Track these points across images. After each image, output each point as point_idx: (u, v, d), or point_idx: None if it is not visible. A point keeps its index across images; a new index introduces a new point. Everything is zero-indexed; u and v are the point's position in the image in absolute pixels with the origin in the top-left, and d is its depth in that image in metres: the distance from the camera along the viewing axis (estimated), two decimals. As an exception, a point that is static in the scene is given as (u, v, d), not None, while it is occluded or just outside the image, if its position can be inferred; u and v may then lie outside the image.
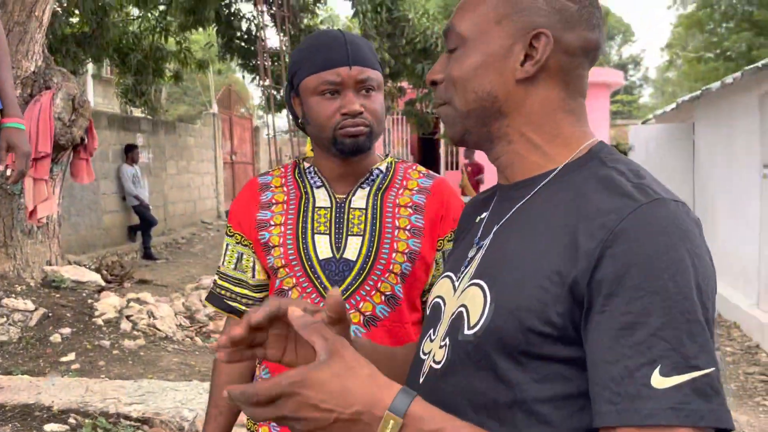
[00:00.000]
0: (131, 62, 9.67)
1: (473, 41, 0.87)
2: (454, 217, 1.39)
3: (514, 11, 0.86)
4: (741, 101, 6.59)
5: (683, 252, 0.71)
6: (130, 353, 4.45)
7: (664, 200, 0.74)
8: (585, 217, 0.76)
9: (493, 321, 0.79)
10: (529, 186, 0.88)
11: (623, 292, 0.70)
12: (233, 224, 1.45)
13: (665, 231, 0.72)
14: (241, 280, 1.44)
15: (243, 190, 1.47)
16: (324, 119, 1.31)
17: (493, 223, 0.92)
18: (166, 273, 8.42)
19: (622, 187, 0.77)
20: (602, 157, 0.85)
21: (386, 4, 8.89)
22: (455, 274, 0.94)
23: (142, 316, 5.05)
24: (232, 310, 1.44)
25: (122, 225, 9.75)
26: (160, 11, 10.05)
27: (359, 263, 1.32)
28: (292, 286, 1.34)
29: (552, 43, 0.84)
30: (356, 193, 1.38)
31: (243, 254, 1.43)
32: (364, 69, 1.31)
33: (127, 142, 9.74)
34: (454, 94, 0.90)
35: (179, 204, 11.92)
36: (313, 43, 1.35)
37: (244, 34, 10.10)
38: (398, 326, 1.34)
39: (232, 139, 14.69)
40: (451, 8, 22.60)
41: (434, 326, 0.93)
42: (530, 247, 0.81)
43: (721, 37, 18.57)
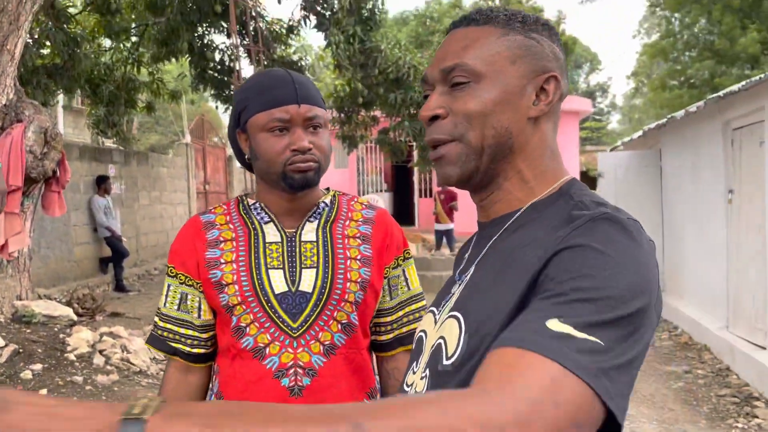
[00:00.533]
0: (103, 93, 9.63)
1: (491, 78, 0.89)
2: (396, 245, 1.47)
3: (526, 54, 0.90)
4: (705, 128, 6.79)
5: (630, 259, 0.73)
6: (104, 389, 4.38)
7: (619, 217, 0.78)
8: (551, 247, 0.79)
9: (467, 350, 0.82)
10: (503, 222, 0.92)
11: (560, 276, 0.72)
12: (176, 264, 1.43)
13: (616, 240, 0.74)
14: (185, 321, 1.43)
15: (185, 230, 1.45)
16: (274, 155, 1.33)
17: (472, 259, 0.96)
18: (139, 305, 8.30)
19: (584, 213, 0.80)
20: (572, 194, 0.89)
21: (359, 35, 9.00)
22: (437, 308, 0.98)
23: (116, 350, 4.97)
24: (176, 351, 1.43)
25: (93, 257, 9.61)
26: (133, 42, 10.06)
27: (315, 294, 1.35)
28: (250, 322, 1.34)
29: (561, 87, 0.91)
30: (305, 226, 1.41)
31: (187, 294, 1.42)
32: (311, 107, 1.35)
33: (98, 173, 9.65)
34: (468, 129, 0.89)
35: (152, 235, 11.79)
36: (260, 82, 1.37)
37: (217, 64, 10.13)
38: (354, 352, 1.38)
39: (205, 168, 14.63)
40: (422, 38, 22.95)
41: (416, 359, 0.96)
42: (498, 278, 0.85)
43: (684, 65, 19.10)
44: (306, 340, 1.34)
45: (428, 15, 23.93)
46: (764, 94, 5.23)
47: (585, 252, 0.73)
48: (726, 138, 6.29)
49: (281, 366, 1.33)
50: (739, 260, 6.06)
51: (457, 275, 0.98)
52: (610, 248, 0.73)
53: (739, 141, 6.07)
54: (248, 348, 1.34)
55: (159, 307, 1.47)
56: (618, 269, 0.72)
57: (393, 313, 1.49)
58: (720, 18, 16.93)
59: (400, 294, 1.49)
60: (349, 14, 8.90)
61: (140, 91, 10.37)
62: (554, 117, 0.94)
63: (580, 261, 0.73)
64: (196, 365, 1.45)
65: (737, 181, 6.08)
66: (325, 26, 9.12)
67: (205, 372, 1.47)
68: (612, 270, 0.71)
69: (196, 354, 1.44)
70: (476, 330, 0.82)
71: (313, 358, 1.33)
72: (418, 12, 25.22)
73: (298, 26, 9.75)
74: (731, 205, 6.20)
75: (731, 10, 16.72)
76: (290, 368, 1.33)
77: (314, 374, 1.33)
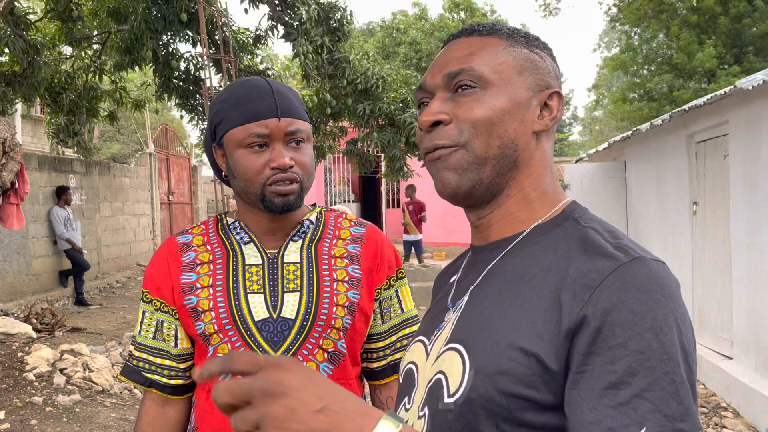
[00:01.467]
0: (64, 101, 9.38)
1: (498, 86, 0.85)
2: (388, 264, 1.37)
3: (532, 67, 0.88)
4: (669, 141, 6.91)
5: (667, 311, 0.71)
6: (65, 410, 4.21)
7: (645, 259, 0.74)
8: (566, 278, 0.76)
9: (473, 387, 0.76)
10: (502, 246, 0.88)
11: (606, 352, 0.69)
12: (150, 289, 1.34)
13: (647, 289, 0.71)
14: (161, 350, 1.34)
15: (160, 252, 1.36)
16: (252, 174, 1.23)
17: (467, 284, 0.90)
18: (101, 320, 8.07)
19: (602, 248, 0.77)
20: (576, 218, 0.85)
21: (327, 45, 8.95)
22: (428, 338, 0.92)
23: (77, 368, 4.80)
24: (153, 383, 1.34)
25: (53, 270, 9.33)
26: (95, 50, 9.84)
27: (299, 321, 1.25)
28: (228, 352, 1.26)
29: (562, 105, 0.89)
30: (288, 246, 1.31)
31: (163, 322, 1.33)
32: (293, 120, 1.24)
33: (58, 184, 9.39)
34: (474, 137, 0.84)
35: (113, 247, 11.51)
36: (237, 93, 1.26)
37: (182, 73, 9.96)
38: (344, 383, 1.29)
39: (169, 178, 14.37)
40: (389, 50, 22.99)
41: (408, 394, 0.90)
42: (509, 309, 0.79)
43: (643, 78, 19.51)
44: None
45: (394, 26, 24.03)
46: (728, 108, 5.34)
47: (625, 318, 0.70)
48: (690, 151, 6.41)
49: None
50: (704, 271, 6.16)
51: (450, 302, 0.92)
52: (654, 311, 0.71)
53: (703, 154, 6.18)
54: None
55: (134, 335, 1.38)
56: (665, 336, 0.70)
57: (386, 338, 1.41)
58: (678, 33, 17.35)
59: (393, 317, 1.41)
60: (317, 25, 8.86)
61: (102, 100, 10.12)
62: (552, 136, 0.91)
63: (621, 332, 0.70)
64: (174, 397, 1.36)
65: (701, 194, 6.19)
66: (293, 36, 9.04)
67: (185, 404, 1.38)
68: (659, 340, 0.70)
69: (174, 386, 1.35)
70: (483, 366, 0.77)
71: None
72: (384, 23, 25.31)
73: (266, 36, 9.66)
74: (696, 217, 6.31)
75: (689, 26, 17.15)
76: None
77: None
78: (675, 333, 0.70)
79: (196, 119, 10.38)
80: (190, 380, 1.36)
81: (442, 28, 22.99)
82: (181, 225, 15.04)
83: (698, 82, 17.61)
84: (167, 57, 9.72)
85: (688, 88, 17.36)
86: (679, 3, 17.93)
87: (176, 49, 9.93)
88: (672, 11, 17.96)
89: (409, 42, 22.92)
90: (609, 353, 0.69)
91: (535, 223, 0.87)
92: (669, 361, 0.69)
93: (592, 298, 0.72)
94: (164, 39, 9.58)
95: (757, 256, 4.87)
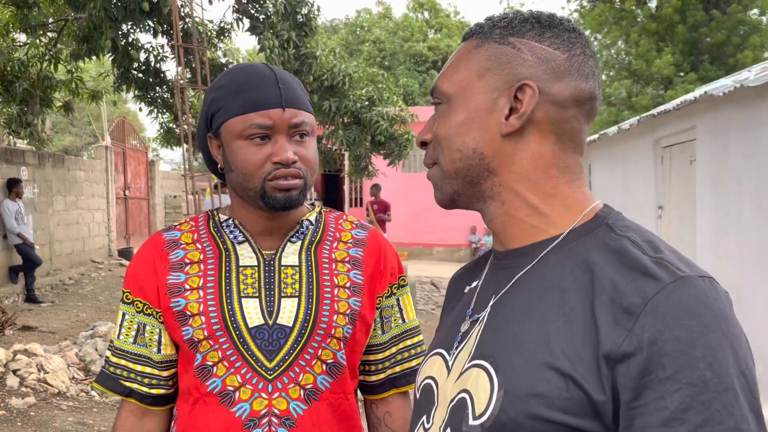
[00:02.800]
0: (16, 90, 9.00)
1: (457, 98, 0.83)
2: (391, 271, 1.28)
3: (496, 64, 0.81)
4: (636, 146, 7.00)
5: (719, 335, 0.65)
6: (19, 414, 4.00)
7: (690, 278, 0.68)
8: (603, 295, 0.70)
9: (503, 410, 0.70)
10: (528, 254, 0.81)
11: (657, 386, 0.64)
12: (132, 290, 1.22)
13: (696, 313, 0.65)
14: (142, 356, 1.22)
15: (144, 249, 1.25)
16: (252, 168, 1.13)
17: (489, 294, 0.83)
18: (53, 318, 7.76)
19: (642, 263, 0.70)
20: (611, 224, 0.78)
21: (293, 41, 8.81)
22: (448, 351, 0.84)
23: (31, 369, 4.58)
24: (131, 393, 1.23)
25: (2, 265, 8.95)
26: (51, 38, 9.48)
27: (297, 329, 1.15)
28: (218, 360, 1.14)
29: (537, 95, 0.79)
30: (286, 248, 1.21)
31: (145, 325, 1.22)
32: (298, 112, 1.14)
33: (9, 176, 9.02)
34: (440, 153, 0.85)
35: (66, 242, 11.12)
36: (238, 79, 1.16)
37: (142, 64, 9.68)
38: (341, 398, 1.19)
39: (125, 173, 13.98)
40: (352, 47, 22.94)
41: (428, 413, 0.83)
42: (540, 326, 0.73)
43: (603, 83, 19.89)
44: (283, 383, 1.13)
45: (358, 24, 23.93)
46: (696, 113, 5.42)
47: (674, 348, 0.65)
48: (656, 155, 6.49)
49: (253, 414, 1.12)
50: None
51: (470, 311, 0.85)
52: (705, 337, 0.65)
53: (670, 158, 6.27)
54: (215, 392, 1.14)
55: (112, 339, 1.25)
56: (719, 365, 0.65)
57: (385, 350, 1.30)
58: (637, 40, 17.72)
59: (393, 327, 1.30)
60: (284, 19, 8.71)
61: (57, 90, 9.76)
62: (554, 129, 0.80)
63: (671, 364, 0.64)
64: (154, 408, 1.25)
65: (667, 198, 6.28)
66: (259, 30, 8.87)
67: (165, 416, 1.27)
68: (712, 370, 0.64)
69: (155, 395, 1.23)
70: (515, 387, 0.70)
71: (291, 404, 1.13)
72: (348, 21, 25.18)
73: (230, 29, 9.46)
74: (661, 221, 6.40)
75: (648, 34, 17.53)
76: (263, 417, 1.12)
77: (292, 424, 1.13)
78: (731, 358, 0.65)
79: (156, 112, 10.11)
80: (173, 389, 1.25)
81: (406, 28, 23.00)
82: (138, 221, 14.66)
83: (656, 88, 18.02)
84: (127, 47, 9.43)
85: (645, 94, 17.74)
86: (639, 11, 18.31)
87: (137, 39, 9.65)
88: (632, 18, 18.34)
89: (373, 40, 22.86)
90: (659, 387, 0.64)
91: (559, 229, 0.80)
92: (726, 392, 0.63)
93: (635, 327, 0.66)
94: (124, 28, 9.29)
95: (722, 262, 4.94)
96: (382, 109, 9.76)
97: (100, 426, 4.01)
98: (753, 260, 4.44)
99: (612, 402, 0.67)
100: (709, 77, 14.56)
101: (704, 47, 17.31)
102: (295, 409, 1.13)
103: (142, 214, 14.98)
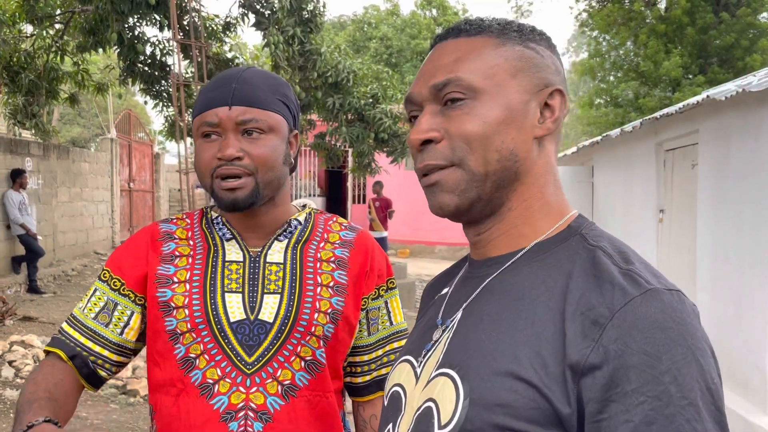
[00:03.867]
0: (22, 81, 9.02)
1: (490, 94, 0.77)
2: (378, 273, 1.30)
3: (527, 66, 0.80)
4: (638, 148, 6.96)
5: (684, 349, 0.65)
6: (13, 405, 4.02)
7: (657, 291, 0.68)
8: (572, 306, 0.70)
9: (468, 419, 0.70)
10: (503, 262, 0.80)
11: (621, 399, 0.64)
12: (113, 268, 1.24)
13: (662, 327, 0.65)
14: (96, 334, 1.22)
15: (139, 236, 1.28)
16: (203, 165, 1.18)
17: (459, 301, 0.83)
18: (54, 309, 7.80)
19: (611, 275, 0.70)
20: (584, 234, 0.78)
21: (298, 37, 8.80)
22: (416, 358, 0.84)
23: (27, 361, 4.60)
24: (75, 356, 1.20)
25: (5, 256, 9.00)
26: (57, 30, 9.50)
27: (277, 325, 1.18)
28: (200, 353, 1.17)
29: (567, 102, 0.81)
30: (272, 246, 1.24)
31: (117, 304, 1.23)
32: (247, 109, 1.17)
33: (14, 167, 9.06)
34: (468, 154, 0.77)
35: (70, 233, 11.17)
36: (210, 82, 1.24)
37: (147, 58, 9.69)
38: (319, 396, 1.21)
39: (130, 165, 14.02)
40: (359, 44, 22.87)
41: (394, 420, 0.82)
42: (507, 333, 0.73)
43: (610, 84, 19.76)
44: (261, 378, 1.16)
45: (366, 21, 23.90)
46: (699, 117, 5.38)
47: (639, 361, 0.65)
48: (659, 158, 6.46)
49: (230, 407, 1.15)
50: (669, 279, 6.22)
51: (440, 319, 0.84)
52: (671, 351, 0.65)
53: (672, 162, 6.24)
54: (196, 384, 1.16)
55: (73, 311, 1.26)
56: (684, 379, 0.64)
57: (371, 351, 1.32)
58: (646, 42, 17.61)
59: (380, 329, 1.32)
60: (289, 14, 8.70)
61: (63, 82, 9.79)
62: (556, 138, 0.82)
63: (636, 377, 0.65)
64: (86, 385, 1.22)
65: (668, 202, 6.25)
66: (264, 25, 8.87)
67: (77, 383, 1.22)
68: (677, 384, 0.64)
69: (93, 373, 1.22)
70: (480, 396, 0.70)
71: (268, 399, 1.15)
72: (355, 17, 25.15)
73: (236, 24, 9.46)
74: (662, 225, 6.37)
75: (656, 35, 17.42)
76: (240, 410, 1.14)
77: (268, 419, 1.15)
78: (695, 373, 0.65)
79: (161, 106, 10.13)
80: (110, 377, 1.26)
81: (413, 25, 22.96)
82: (142, 213, 14.70)
83: (663, 90, 17.92)
84: (133, 40, 9.44)
85: (653, 96, 17.65)
86: (648, 12, 18.21)
87: (143, 32, 9.66)
88: (641, 19, 18.23)
89: (380, 37, 22.84)
90: (624, 400, 0.64)
91: (537, 238, 0.79)
92: (689, 406, 0.63)
93: (602, 338, 0.66)
94: (130, 21, 9.30)
95: (722, 266, 4.91)
96: (386, 107, 9.74)
97: (93, 418, 4.03)
98: (753, 265, 4.42)
99: (576, 413, 0.67)
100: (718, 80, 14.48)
101: (713, 50, 17.20)
102: (272, 404, 1.15)
103: (146, 207, 15.03)
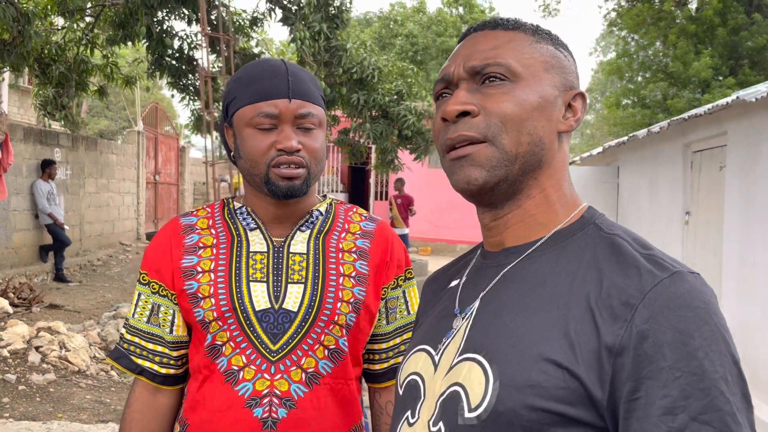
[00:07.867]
0: (53, 73, 9.18)
1: (527, 81, 0.82)
2: (397, 263, 1.33)
3: (558, 65, 0.85)
4: (665, 149, 6.88)
5: (713, 327, 0.69)
6: (39, 389, 4.10)
7: (683, 273, 0.72)
8: (600, 289, 0.72)
9: (499, 401, 0.72)
10: (521, 252, 0.83)
11: (658, 374, 0.67)
12: (149, 271, 1.28)
13: (692, 306, 0.69)
14: (155, 335, 1.28)
15: (162, 233, 1.31)
16: (257, 154, 1.20)
17: (476, 290, 0.85)
18: (80, 297, 7.92)
19: (636, 259, 0.74)
20: (598, 224, 0.82)
21: (325, 33, 8.83)
22: (433, 347, 0.85)
23: (53, 347, 4.68)
24: (143, 371, 1.28)
25: (33, 244, 9.16)
26: (87, 23, 9.64)
27: (301, 314, 1.20)
28: (226, 341, 1.20)
29: (586, 107, 0.86)
30: (295, 236, 1.27)
31: (160, 306, 1.27)
32: (305, 103, 1.21)
33: (43, 157, 9.21)
34: (502, 132, 0.80)
35: (96, 224, 11.34)
36: (251, 72, 1.24)
37: (175, 52, 9.79)
38: (342, 383, 1.24)
39: (156, 158, 14.18)
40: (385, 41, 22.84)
41: (413, 408, 0.83)
42: (533, 317, 0.75)
43: (638, 85, 19.53)
44: (286, 365, 1.19)
45: (392, 18, 23.88)
46: (728, 119, 5.30)
47: (673, 338, 0.68)
48: (686, 160, 6.38)
49: (255, 394, 1.17)
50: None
51: (458, 308, 0.86)
52: (702, 328, 0.69)
53: (699, 164, 6.15)
54: (222, 370, 1.20)
55: (127, 317, 1.31)
56: (716, 354, 0.68)
57: (389, 339, 1.35)
58: (675, 42, 17.36)
59: (398, 318, 1.35)
60: (316, 10, 8.74)
61: (92, 74, 9.93)
62: (569, 139, 0.88)
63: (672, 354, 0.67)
64: (165, 388, 1.30)
65: (695, 204, 6.17)
66: (291, 21, 8.91)
67: (176, 395, 1.32)
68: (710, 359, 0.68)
69: (164, 375, 1.29)
70: (511, 378, 0.72)
71: (292, 387, 1.18)
72: (381, 14, 25.15)
73: (263, 19, 9.52)
74: (688, 227, 6.29)
75: (686, 35, 17.16)
76: (265, 397, 1.17)
77: (292, 406, 1.17)
78: (723, 348, 0.69)
79: (188, 99, 10.23)
80: (182, 370, 1.30)
81: (439, 23, 22.90)
82: (167, 206, 14.86)
83: (692, 91, 17.65)
84: (161, 34, 9.55)
85: (681, 97, 17.40)
86: (678, 12, 17.95)
87: (171, 26, 9.77)
88: (670, 19, 17.98)
89: (406, 34, 22.81)
90: (660, 376, 0.67)
91: (555, 227, 0.83)
92: (721, 380, 0.67)
93: (635, 318, 0.69)
94: (159, 15, 9.41)
95: (749, 270, 4.84)
96: (410, 104, 9.73)
97: (116, 405, 4.09)
98: (779, 271, 4.35)
99: (609, 392, 0.69)
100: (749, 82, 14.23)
101: (744, 51, 16.90)
102: (296, 391, 1.18)
103: (171, 200, 15.19)
